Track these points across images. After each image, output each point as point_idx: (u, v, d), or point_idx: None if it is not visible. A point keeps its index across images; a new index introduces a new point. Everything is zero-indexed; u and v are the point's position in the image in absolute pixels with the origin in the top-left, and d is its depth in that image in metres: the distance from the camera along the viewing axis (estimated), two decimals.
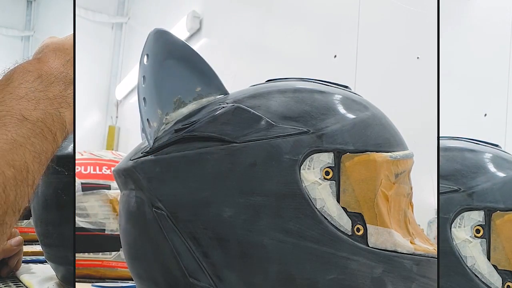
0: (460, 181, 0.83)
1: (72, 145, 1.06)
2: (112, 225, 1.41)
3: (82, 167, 1.46)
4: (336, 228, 0.70)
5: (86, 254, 1.42)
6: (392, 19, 2.72)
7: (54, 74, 0.83)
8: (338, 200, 0.70)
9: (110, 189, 1.44)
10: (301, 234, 0.68)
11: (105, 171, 1.47)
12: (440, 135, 0.88)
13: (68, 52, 0.87)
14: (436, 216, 0.83)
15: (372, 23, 2.87)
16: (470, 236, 0.81)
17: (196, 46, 4.60)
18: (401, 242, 0.72)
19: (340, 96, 0.77)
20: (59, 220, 1.16)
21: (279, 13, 3.76)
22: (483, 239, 0.81)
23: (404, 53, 2.61)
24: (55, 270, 1.26)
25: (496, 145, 0.90)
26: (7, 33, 6.99)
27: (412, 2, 2.52)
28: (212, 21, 4.79)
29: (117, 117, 7.04)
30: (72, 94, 0.83)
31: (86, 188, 1.44)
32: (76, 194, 1.41)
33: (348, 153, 0.72)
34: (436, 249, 0.76)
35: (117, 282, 1.41)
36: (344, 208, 0.70)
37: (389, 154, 0.74)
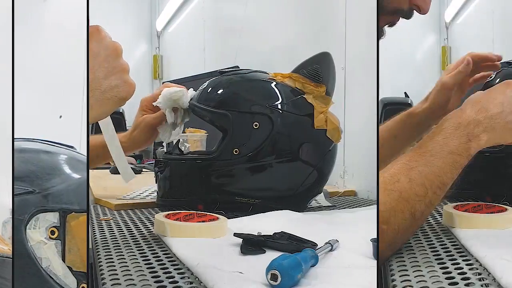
0: (35, 183, 0.82)
1: None
2: None
3: None
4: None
5: None
6: None
7: None
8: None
9: None
10: None
11: None
12: (15, 136, 0.89)
13: None
14: (11, 217, 0.84)
15: None
16: (45, 238, 0.80)
17: None
18: None
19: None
20: None
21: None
22: (58, 241, 0.81)
23: None
24: None
25: (72, 147, 0.92)
26: None
27: None
28: None
29: None
30: None
31: None
32: None
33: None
34: (11, 249, 0.77)
35: None
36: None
37: None
